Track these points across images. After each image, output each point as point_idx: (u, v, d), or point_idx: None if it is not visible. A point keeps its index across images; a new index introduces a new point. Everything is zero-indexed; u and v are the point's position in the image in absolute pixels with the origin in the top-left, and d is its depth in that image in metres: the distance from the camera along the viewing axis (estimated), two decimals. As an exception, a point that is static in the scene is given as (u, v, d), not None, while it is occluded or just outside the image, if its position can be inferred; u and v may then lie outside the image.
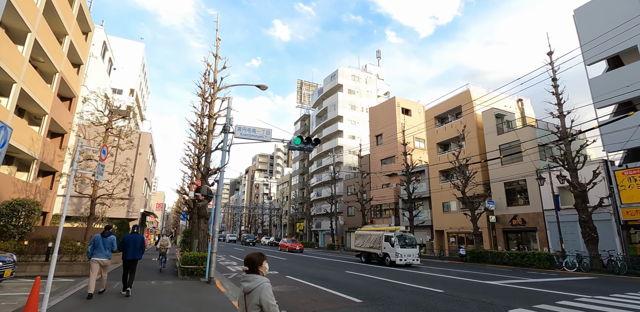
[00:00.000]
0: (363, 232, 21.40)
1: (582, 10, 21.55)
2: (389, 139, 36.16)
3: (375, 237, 19.41)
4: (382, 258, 18.52)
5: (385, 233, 18.78)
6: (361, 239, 21.03)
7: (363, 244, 20.57)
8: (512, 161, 23.32)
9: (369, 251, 19.80)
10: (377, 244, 19.04)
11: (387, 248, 18.13)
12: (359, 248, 21.08)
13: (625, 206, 16.54)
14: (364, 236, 20.90)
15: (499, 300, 7.83)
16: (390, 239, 18.10)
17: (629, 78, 18.64)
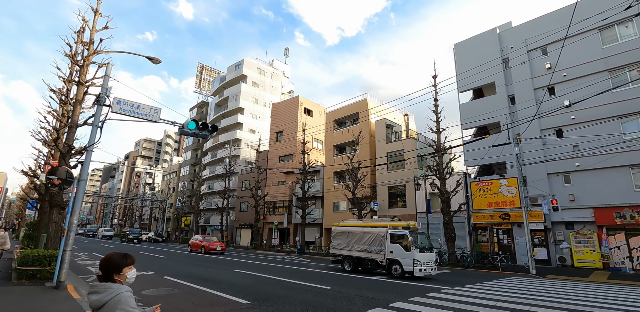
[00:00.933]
0: (348, 229, 15.05)
1: (461, 45, 25.36)
2: (289, 136, 36.61)
3: (373, 236, 13.72)
4: (386, 267, 13.07)
5: (391, 230, 13.38)
6: (344, 239, 14.85)
7: (349, 246, 14.49)
8: (396, 167, 26.21)
9: (361, 255, 13.88)
10: (376, 246, 13.44)
11: (396, 252, 12.76)
12: (339, 251, 14.88)
13: (475, 211, 20.41)
14: (349, 235, 14.77)
15: (381, 295, 8.43)
16: (403, 240, 12.80)
17: (487, 107, 22.79)
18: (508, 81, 22.44)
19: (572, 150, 18.27)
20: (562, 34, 18.48)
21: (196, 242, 24.89)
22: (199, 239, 24.88)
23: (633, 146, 16.28)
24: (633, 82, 17.61)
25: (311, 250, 28.68)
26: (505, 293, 9.15)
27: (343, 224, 16.01)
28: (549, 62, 20.59)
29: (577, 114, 18.63)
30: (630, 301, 8.45)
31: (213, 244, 24.01)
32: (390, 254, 12.99)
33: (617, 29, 18.90)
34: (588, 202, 17.26)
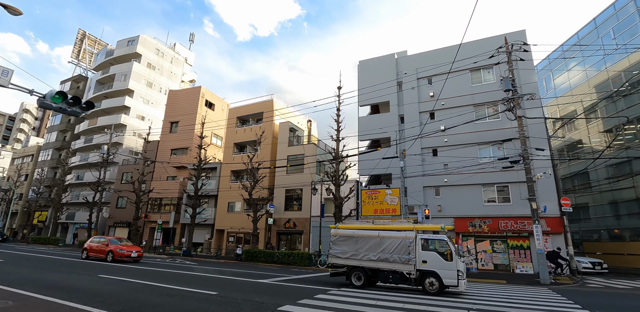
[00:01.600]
0: (356, 233, 12.01)
1: (364, 63, 27.48)
2: (185, 128, 34.02)
3: (396, 242, 11.09)
4: (417, 280, 10.67)
5: (424, 235, 11.05)
6: (350, 245, 11.89)
7: (358, 254, 11.64)
8: (295, 171, 26.90)
9: (378, 266, 11.28)
10: (401, 254, 10.93)
11: (432, 262, 10.50)
12: (343, 260, 11.91)
13: (363, 217, 22.44)
14: (358, 240, 11.81)
15: (269, 298, 8.28)
16: (441, 247, 10.66)
17: (381, 123, 25.28)
18: (400, 102, 25.26)
19: (443, 168, 21.77)
20: (444, 68, 21.91)
21: (98, 247, 18.18)
22: (103, 242, 18.36)
23: (485, 169, 20.32)
24: (489, 117, 21.95)
25: (199, 252, 27.17)
26: (384, 292, 10.16)
27: (346, 226, 12.95)
28: (432, 91, 24.00)
29: (449, 138, 22.23)
30: (474, 293, 10.48)
31: (127, 249, 17.72)
32: (422, 265, 10.54)
33: (482, 72, 23.22)
34: (451, 213, 20.83)
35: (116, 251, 17.35)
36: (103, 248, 17.95)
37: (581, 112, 27.37)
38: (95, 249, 18.28)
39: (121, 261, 17.21)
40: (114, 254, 17.30)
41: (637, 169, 21.67)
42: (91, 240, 19.43)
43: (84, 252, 18.61)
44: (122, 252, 17.38)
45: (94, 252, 18.23)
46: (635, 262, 21.10)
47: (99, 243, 18.48)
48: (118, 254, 17.25)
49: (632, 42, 22.21)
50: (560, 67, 30.05)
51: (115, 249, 17.46)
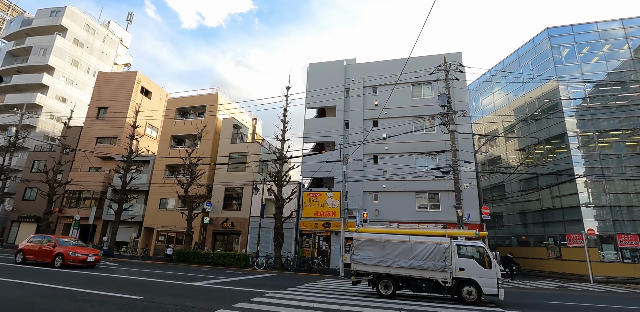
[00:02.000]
0: (383, 238, 11.21)
1: (314, 66, 27.80)
2: (115, 116, 31.08)
3: (430, 248, 10.60)
4: (453, 289, 10.23)
5: (459, 242, 10.98)
6: (377, 250, 11.06)
7: (387, 260, 10.82)
8: (237, 169, 26.14)
9: (409, 273, 10.64)
10: (436, 261, 10.44)
11: (469, 270, 10.20)
12: (369, 267, 10.99)
13: (303, 219, 22.65)
14: (385, 245, 11.03)
15: (202, 302, 7.85)
16: (478, 254, 10.53)
17: (327, 127, 25.78)
18: (346, 108, 25.99)
19: (382, 174, 22.90)
20: (389, 79, 23.14)
21: (41, 248, 14.60)
22: (49, 243, 14.71)
23: (419, 177, 21.84)
24: (426, 129, 23.66)
25: (122, 252, 24.93)
26: (321, 294, 10.30)
27: (369, 230, 12.14)
28: (377, 100, 25.14)
29: (390, 146, 23.47)
30: (406, 293, 11.23)
31: (81, 251, 14.39)
32: (459, 272, 10.18)
33: (422, 87, 24.95)
34: (387, 217, 21.95)
35: (67, 254, 13.86)
36: (48, 250, 14.38)
37: (502, 131, 30.89)
38: (36, 251, 14.62)
39: (74, 267, 13.98)
40: (64, 257, 13.83)
41: (542, 184, 25.09)
42: (30, 239, 15.55)
43: (20, 254, 14.95)
44: (75, 256, 13.93)
45: (33, 255, 14.65)
46: (538, 265, 24.38)
47: (42, 244, 14.80)
48: (70, 258, 13.80)
49: (545, 73, 25.66)
50: (487, 90, 33.56)
51: (66, 252, 13.97)
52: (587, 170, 22.01)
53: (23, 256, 14.87)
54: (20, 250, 15.13)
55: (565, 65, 24.95)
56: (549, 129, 24.93)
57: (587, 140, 22.82)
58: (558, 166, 23.58)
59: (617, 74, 23.79)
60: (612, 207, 21.01)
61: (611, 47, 24.58)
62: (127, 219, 25.16)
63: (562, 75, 24.29)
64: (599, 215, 21.18)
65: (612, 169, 21.73)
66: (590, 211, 21.31)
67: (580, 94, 24.23)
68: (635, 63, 23.48)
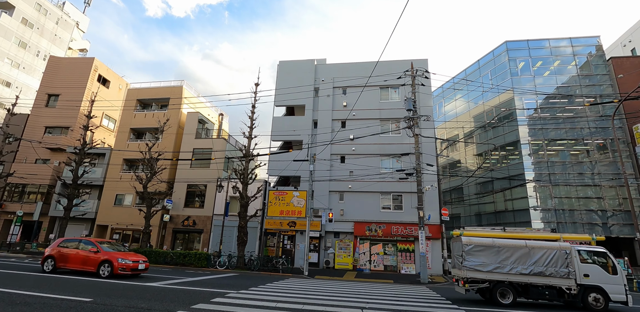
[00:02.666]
0: (497, 243, 10.68)
1: (284, 64, 27.47)
2: (68, 104, 28.97)
3: (550, 253, 10.20)
4: (577, 296, 9.90)
5: (579, 247, 10.66)
6: (492, 256, 10.47)
7: (503, 266, 10.28)
8: (200, 165, 25.33)
9: (529, 280, 10.16)
10: (557, 267, 10.07)
11: (594, 276, 9.93)
12: (485, 274, 10.35)
13: (268, 217, 22.41)
14: (500, 250, 10.46)
15: (158, 304, 7.50)
16: (603, 259, 10.23)
17: (295, 125, 25.64)
18: (315, 107, 25.99)
19: (349, 174, 23.21)
20: (359, 81, 23.52)
21: (78, 254, 12.39)
22: (91, 248, 12.47)
23: (384, 178, 22.40)
24: (392, 132, 24.30)
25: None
26: (284, 294, 10.23)
27: (477, 234, 11.30)
28: (346, 101, 25.42)
29: (357, 147, 23.83)
30: (367, 292, 11.42)
31: (131, 258, 12.40)
32: (584, 279, 9.87)
33: (390, 91, 25.57)
34: (352, 217, 22.29)
35: (117, 261, 11.85)
36: (90, 256, 12.20)
37: (462, 136, 32.47)
38: (73, 258, 12.36)
39: (124, 276, 12.05)
40: (113, 265, 11.81)
41: (497, 187, 26.70)
42: (60, 243, 13.03)
43: (49, 262, 12.52)
44: (126, 263, 11.95)
45: (68, 262, 12.38)
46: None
47: (79, 249, 12.59)
48: (120, 266, 11.82)
49: (503, 84, 27.31)
50: (450, 97, 35.13)
51: (114, 259, 11.92)
52: (536, 175, 23.74)
53: (53, 263, 12.43)
54: (49, 256, 12.57)
55: (521, 77, 26.69)
56: (504, 136, 26.57)
57: (537, 148, 24.59)
58: (511, 171, 25.21)
59: (564, 88, 25.84)
60: (556, 210, 22.81)
61: (561, 63, 26.65)
62: (78, 215, 23.54)
63: (517, 87, 25.96)
64: (545, 217, 22.93)
65: (557, 176, 23.59)
66: (538, 214, 23.00)
67: (533, 104, 26.05)
68: (580, 79, 25.62)
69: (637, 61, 24.76)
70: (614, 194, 22.58)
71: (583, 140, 24.22)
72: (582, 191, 23.19)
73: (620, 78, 23.91)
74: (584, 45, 26.48)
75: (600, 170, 23.11)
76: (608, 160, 23.20)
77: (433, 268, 20.21)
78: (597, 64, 25.61)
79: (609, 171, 22.89)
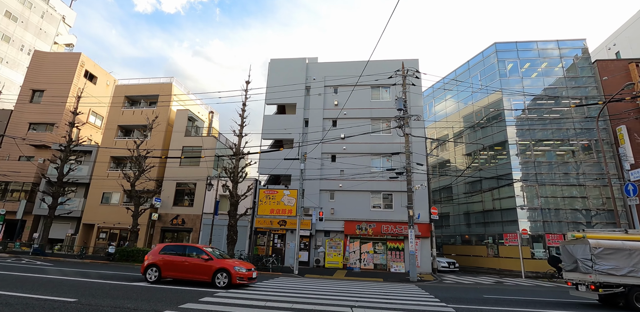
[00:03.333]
0: (626, 245, 10.14)
1: (275, 62, 27.36)
2: (53, 100, 28.32)
3: None
4: None
5: None
6: (623, 259, 9.99)
7: (639, 270, 9.79)
8: (190, 163, 25.06)
9: None
10: None
11: None
12: (619, 278, 9.87)
13: (258, 216, 22.30)
14: (632, 253, 9.97)
15: (145, 304, 7.38)
16: None
17: (286, 124, 25.58)
18: (306, 106, 25.93)
19: (339, 173, 23.25)
20: (350, 80, 23.55)
21: (186, 262, 11.36)
22: (203, 255, 11.45)
23: (375, 178, 22.51)
24: (383, 132, 24.41)
25: (56, 250, 22.80)
26: (273, 293, 10.20)
27: (600, 236, 10.85)
28: (337, 100, 25.44)
29: (348, 146, 23.88)
30: (357, 291, 11.50)
31: (246, 266, 11.67)
32: None
33: (381, 90, 25.68)
34: (342, 216, 22.34)
35: (234, 270, 10.94)
36: (202, 264, 11.19)
37: (451, 136, 32.81)
38: (180, 266, 11.30)
39: (238, 286, 11.19)
40: (231, 274, 10.86)
41: (485, 187, 27.06)
42: (161, 250, 11.92)
43: (152, 270, 11.38)
44: (242, 272, 11.08)
45: (176, 272, 11.32)
46: (478, 262, 26.30)
47: (186, 256, 11.57)
48: (238, 275, 10.95)
49: (492, 85, 27.65)
50: (440, 97, 35.44)
51: (231, 267, 11.02)
52: (523, 175, 24.13)
53: (158, 272, 11.30)
54: (152, 265, 11.40)
55: (509, 79, 27.06)
56: (493, 137, 26.93)
57: (525, 148, 24.99)
58: (499, 170, 25.57)
59: (551, 90, 26.29)
60: (542, 210, 23.24)
61: (548, 65, 27.11)
62: (63, 214, 23.06)
63: (505, 88, 26.32)
64: (532, 216, 23.34)
65: (544, 175, 24.03)
66: (525, 213, 23.40)
67: (521, 105, 26.44)
68: (566, 81, 26.11)
69: (621, 64, 25.33)
70: (598, 193, 23.10)
71: (569, 141, 24.70)
72: (567, 190, 23.67)
73: (605, 80, 24.42)
74: (571, 47, 26.97)
75: (585, 170, 23.61)
76: (592, 160, 23.72)
77: (422, 266, 20.40)
78: (582, 67, 26.12)
79: (593, 171, 23.41)
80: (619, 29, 34.79)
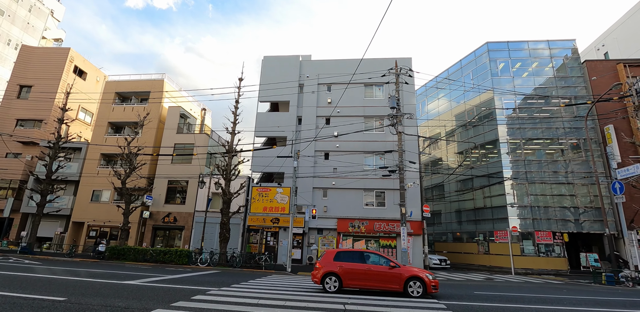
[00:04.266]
0: None
1: (269, 59, 27.18)
2: (41, 96, 27.82)
3: None
4: None
5: None
6: None
7: None
8: (182, 161, 24.85)
9: None
10: None
11: None
12: None
13: (251, 214, 22.23)
14: None
15: (136, 302, 7.31)
16: None
17: (279, 121, 25.48)
18: (300, 103, 25.86)
19: (332, 171, 23.28)
20: (343, 78, 23.55)
21: (370, 271, 10.45)
22: (391, 263, 10.53)
23: (367, 175, 22.59)
24: (376, 130, 24.48)
25: (44, 249, 22.45)
26: (266, 291, 10.15)
27: None
28: (330, 98, 25.43)
29: (341, 144, 23.91)
30: (353, 291, 11.62)
31: (430, 274, 10.76)
32: None
33: (374, 88, 25.73)
34: (335, 214, 22.40)
35: (428, 279, 10.14)
36: (389, 273, 10.32)
37: (444, 135, 33.07)
38: (364, 275, 10.41)
39: (430, 295, 10.45)
40: (425, 284, 10.03)
41: (476, 185, 27.37)
42: (337, 256, 10.96)
43: (331, 279, 10.54)
44: (434, 280, 10.32)
45: (361, 281, 10.44)
46: (468, 259, 26.64)
47: (366, 263, 10.65)
48: (433, 283, 10.15)
49: (483, 84, 27.91)
50: (433, 95, 35.66)
51: (424, 275, 10.26)
52: (514, 173, 24.46)
53: (339, 282, 10.46)
54: (330, 273, 10.55)
55: (501, 78, 27.34)
56: (484, 135, 27.22)
57: (515, 146, 25.31)
58: (490, 168, 25.88)
59: (541, 89, 26.65)
60: (532, 207, 23.61)
61: (538, 64, 27.45)
62: (52, 212, 22.70)
63: (497, 87, 26.59)
64: (522, 214, 23.69)
65: (533, 174, 24.39)
66: (515, 210, 23.74)
67: (512, 104, 26.75)
68: (556, 80, 26.48)
69: (610, 65, 25.76)
70: (586, 191, 23.52)
71: (558, 140, 25.08)
72: (556, 188, 24.05)
73: (594, 80, 24.83)
74: (561, 48, 27.33)
75: (573, 168, 24.01)
76: (581, 159, 24.13)
77: (414, 264, 20.57)
78: (572, 67, 26.50)
79: (582, 170, 23.82)
80: (608, 30, 35.37)
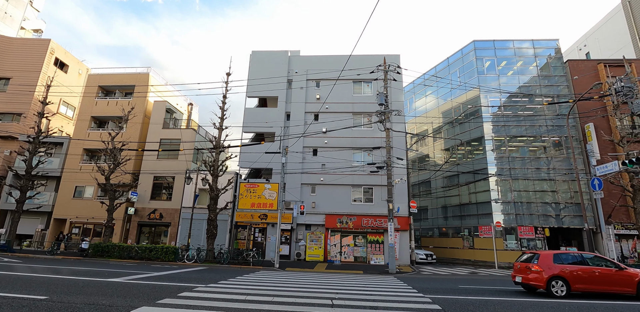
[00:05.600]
0: None
1: (257, 54, 26.87)
2: (20, 88, 26.89)
3: None
4: None
5: None
6: None
7: None
8: (168, 156, 24.47)
9: None
10: None
11: None
12: None
13: (239, 210, 22.09)
14: None
15: (121, 300, 7.21)
16: None
17: (268, 117, 25.32)
18: (288, 99, 25.71)
19: (321, 167, 23.32)
20: (332, 74, 23.53)
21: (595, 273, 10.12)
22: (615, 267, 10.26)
23: (356, 172, 22.71)
24: (364, 126, 24.60)
25: (25, 246, 21.85)
26: (254, 287, 10.14)
27: None
28: (319, 94, 25.37)
29: (329, 140, 23.92)
30: (337, 283, 11.63)
31: None
32: None
33: (363, 85, 25.79)
34: (323, 209, 22.47)
35: None
36: (617, 275, 10.07)
37: (431, 131, 33.47)
38: (593, 279, 10.06)
39: None
40: None
41: (462, 181, 27.85)
42: (556, 259, 10.46)
43: (558, 283, 10.06)
44: None
45: (589, 284, 10.07)
46: (454, 253, 27.17)
47: (589, 265, 10.34)
48: None
49: (470, 82, 28.31)
50: (420, 92, 35.98)
51: None
52: (498, 170, 24.96)
53: (566, 286, 10.01)
54: (556, 277, 10.07)
55: (486, 76, 27.75)
56: (470, 132, 27.66)
57: (500, 143, 25.82)
58: (476, 165, 26.35)
59: (526, 88, 27.18)
60: (515, 203, 24.18)
61: (523, 63, 27.96)
62: (32, 208, 22.06)
63: (483, 85, 26.99)
64: (505, 209, 24.25)
65: (517, 170, 24.95)
66: (499, 206, 24.28)
67: (497, 102, 27.23)
68: (540, 79, 27.04)
69: (591, 64, 26.44)
70: (567, 187, 24.22)
71: (541, 138, 25.68)
72: (538, 184, 24.68)
73: (576, 80, 25.45)
74: (545, 47, 27.88)
75: (555, 165, 24.66)
76: (562, 156, 24.79)
77: (401, 259, 20.89)
78: (555, 66, 27.09)
79: (563, 166, 24.49)
80: (590, 31, 36.25)
